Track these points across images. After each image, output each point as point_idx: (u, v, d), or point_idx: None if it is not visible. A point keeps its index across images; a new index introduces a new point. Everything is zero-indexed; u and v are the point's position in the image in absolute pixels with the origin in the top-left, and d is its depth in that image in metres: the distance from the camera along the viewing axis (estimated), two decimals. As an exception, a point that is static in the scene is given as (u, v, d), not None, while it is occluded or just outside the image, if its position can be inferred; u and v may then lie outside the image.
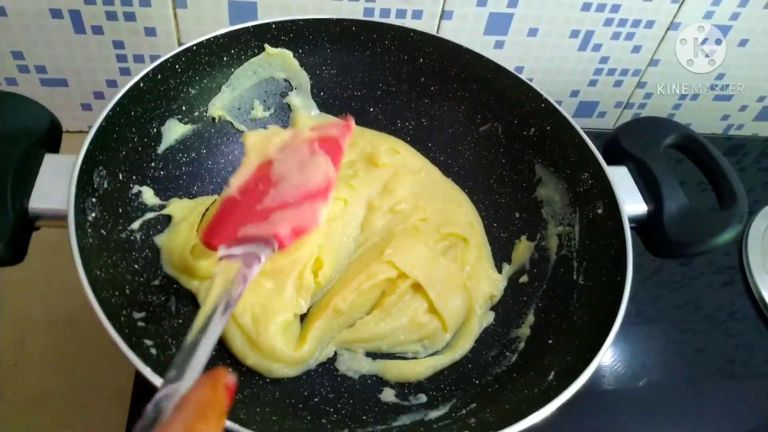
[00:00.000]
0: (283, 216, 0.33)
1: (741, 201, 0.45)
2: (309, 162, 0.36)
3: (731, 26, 0.67)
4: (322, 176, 0.36)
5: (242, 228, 0.33)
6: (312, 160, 0.36)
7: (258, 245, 0.32)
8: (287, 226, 0.33)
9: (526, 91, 0.51)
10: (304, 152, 0.37)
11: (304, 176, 0.35)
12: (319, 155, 0.36)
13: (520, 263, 0.49)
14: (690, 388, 0.51)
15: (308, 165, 0.36)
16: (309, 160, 0.36)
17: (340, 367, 0.43)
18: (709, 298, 0.59)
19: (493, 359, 0.44)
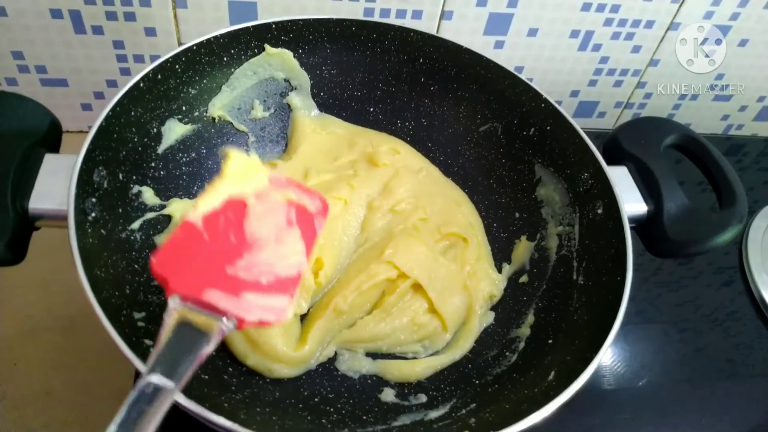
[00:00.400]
0: (255, 300, 0.29)
1: (741, 201, 0.45)
2: (285, 236, 0.33)
3: (731, 26, 0.67)
4: (295, 264, 0.32)
5: (210, 291, 0.28)
6: (288, 236, 0.33)
7: (218, 318, 0.28)
8: (256, 315, 0.29)
9: (526, 91, 0.51)
10: (280, 218, 0.33)
11: (279, 254, 0.31)
12: (295, 232, 0.33)
13: (520, 263, 0.49)
14: (690, 387, 0.51)
15: (285, 240, 0.32)
16: (285, 233, 0.33)
17: (341, 367, 0.43)
18: (708, 297, 0.59)
19: (493, 359, 0.44)
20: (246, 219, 0.32)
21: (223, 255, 0.30)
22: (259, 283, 0.30)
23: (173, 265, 0.28)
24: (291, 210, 0.34)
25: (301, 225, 0.33)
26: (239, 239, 0.31)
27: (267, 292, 0.30)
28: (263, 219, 0.32)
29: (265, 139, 0.54)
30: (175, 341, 0.26)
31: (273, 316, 0.29)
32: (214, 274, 0.29)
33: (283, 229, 0.33)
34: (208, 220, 0.31)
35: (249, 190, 0.33)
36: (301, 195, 0.35)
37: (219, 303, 0.28)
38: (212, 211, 0.31)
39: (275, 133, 0.54)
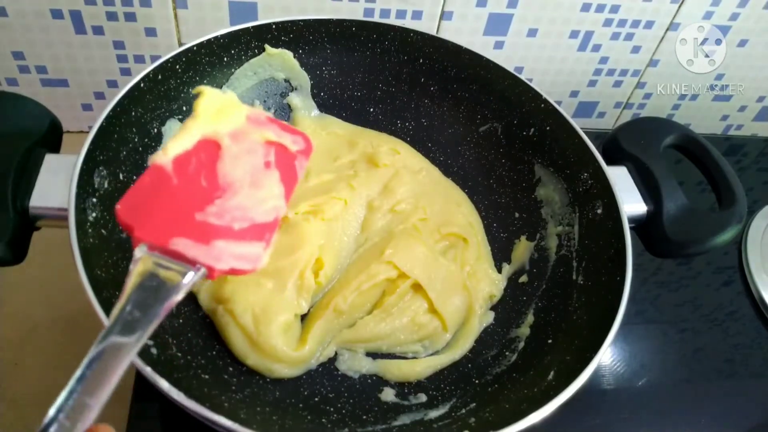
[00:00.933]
0: (226, 248, 0.27)
1: (740, 201, 0.45)
2: (262, 179, 0.30)
3: (730, 26, 0.67)
4: (272, 209, 0.30)
5: (177, 239, 0.26)
6: (266, 178, 0.30)
7: (186, 266, 0.26)
8: (227, 264, 0.27)
9: (526, 91, 0.51)
10: (258, 159, 0.31)
11: (254, 198, 0.29)
12: (273, 175, 0.31)
13: (519, 263, 0.49)
14: (689, 387, 0.51)
15: (261, 183, 0.30)
16: (262, 175, 0.30)
17: (341, 367, 0.43)
18: (708, 298, 0.59)
19: (492, 359, 0.44)
20: (219, 161, 0.30)
21: (193, 200, 0.28)
22: (232, 230, 0.28)
23: (139, 212, 0.27)
24: (270, 150, 0.31)
25: (281, 167, 0.31)
26: (211, 183, 0.29)
27: (240, 239, 0.28)
28: (238, 160, 0.30)
29: (265, 139, 0.54)
30: (141, 293, 0.25)
31: (246, 264, 0.27)
32: (183, 220, 0.27)
33: (260, 171, 0.31)
34: (178, 162, 0.29)
35: (224, 130, 0.31)
36: (282, 134, 0.32)
37: (187, 251, 0.26)
38: (183, 153, 0.29)
39: (275, 134, 0.54)
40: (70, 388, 0.22)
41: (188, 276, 0.26)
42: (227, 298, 0.41)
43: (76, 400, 0.22)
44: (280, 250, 0.43)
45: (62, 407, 0.22)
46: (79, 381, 0.22)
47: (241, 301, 0.41)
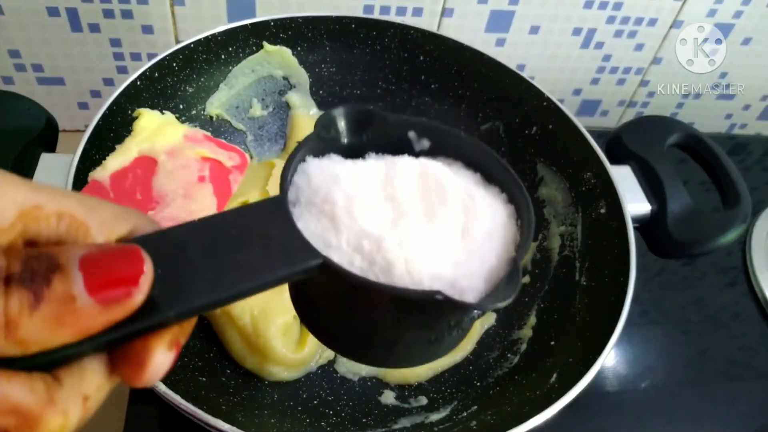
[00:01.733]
0: None
1: (744, 200, 0.45)
2: (195, 192, 0.32)
3: (734, 24, 0.66)
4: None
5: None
6: (199, 191, 0.32)
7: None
8: None
9: (528, 89, 0.50)
10: (192, 173, 0.32)
11: (186, 210, 0.31)
12: (207, 188, 0.32)
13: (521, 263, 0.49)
14: (693, 389, 0.51)
15: (194, 196, 0.32)
16: (196, 188, 0.32)
17: (340, 369, 0.42)
18: (712, 298, 0.58)
19: (494, 361, 0.43)
20: (155, 175, 0.32)
21: None
22: None
23: None
24: (205, 166, 0.34)
25: (215, 181, 0.33)
26: (145, 196, 0.31)
27: None
28: (173, 175, 0.32)
29: (263, 137, 0.53)
30: None
31: None
32: None
33: (193, 184, 0.33)
34: (115, 177, 0.31)
35: (161, 147, 0.33)
36: (218, 150, 0.35)
37: None
38: (120, 169, 0.32)
39: (274, 132, 0.54)
40: None
41: None
42: (225, 299, 0.40)
43: None
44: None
45: None
46: None
47: (239, 303, 0.40)
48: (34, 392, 0.14)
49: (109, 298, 0.14)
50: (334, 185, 0.20)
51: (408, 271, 0.19)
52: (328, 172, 0.21)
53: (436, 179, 0.22)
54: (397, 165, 0.22)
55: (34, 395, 0.14)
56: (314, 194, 0.20)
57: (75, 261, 0.14)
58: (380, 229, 0.19)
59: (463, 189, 0.22)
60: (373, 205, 0.20)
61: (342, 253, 0.19)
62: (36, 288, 0.13)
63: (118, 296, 0.14)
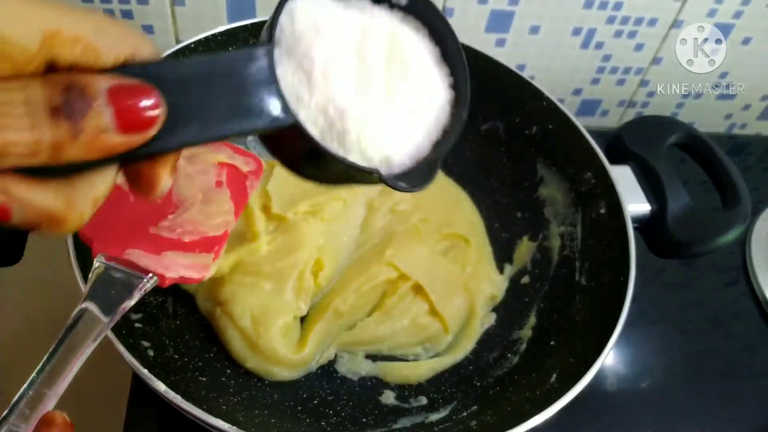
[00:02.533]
0: (175, 258, 0.30)
1: (744, 200, 0.45)
2: (213, 196, 0.34)
3: (734, 24, 0.66)
4: (223, 224, 0.33)
5: (130, 250, 0.29)
6: (217, 196, 0.34)
7: (138, 276, 0.29)
8: (177, 272, 0.30)
9: (528, 89, 0.50)
10: (210, 178, 0.34)
11: (205, 214, 0.33)
12: (224, 193, 0.34)
13: (521, 264, 0.49)
14: (693, 389, 0.51)
15: (212, 200, 0.33)
16: (214, 193, 0.34)
17: (340, 369, 0.42)
18: (712, 298, 0.58)
19: (494, 361, 0.44)
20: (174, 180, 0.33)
21: (148, 215, 0.31)
22: (182, 242, 0.31)
23: (99, 227, 0.30)
24: (222, 171, 0.35)
25: (232, 186, 0.34)
26: (165, 200, 0.32)
27: (190, 250, 0.31)
28: (191, 180, 0.34)
29: (264, 138, 0.53)
30: (97, 298, 0.27)
31: (194, 273, 0.31)
32: (137, 234, 0.31)
33: (211, 189, 0.34)
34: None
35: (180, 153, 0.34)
36: (234, 156, 0.36)
37: (140, 261, 0.29)
38: None
39: (274, 132, 0.54)
40: (31, 379, 0.25)
41: (141, 282, 0.29)
42: (225, 300, 0.40)
43: (35, 391, 0.25)
44: (279, 251, 0.42)
45: (23, 396, 0.25)
46: (39, 373, 0.25)
47: (239, 303, 0.40)
48: (58, 198, 0.18)
49: (131, 130, 0.18)
50: (315, 38, 0.22)
51: (358, 141, 0.23)
52: (312, 18, 0.23)
53: (402, 51, 0.24)
54: (373, 22, 0.24)
55: (58, 200, 0.18)
56: (296, 43, 0.22)
57: (104, 94, 0.17)
58: (346, 100, 0.22)
59: (423, 68, 0.25)
60: (346, 67, 0.23)
61: (309, 111, 0.22)
62: (76, 120, 0.17)
63: (139, 128, 0.18)
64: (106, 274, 0.28)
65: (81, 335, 0.26)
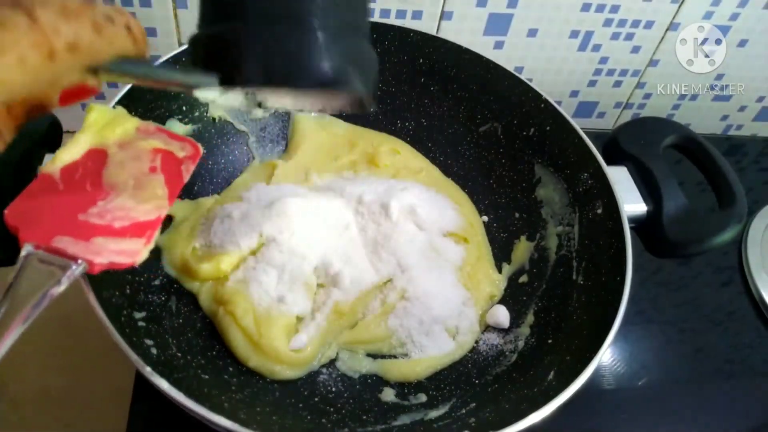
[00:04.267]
0: (105, 244, 0.30)
1: (740, 201, 0.45)
2: (146, 182, 0.33)
3: (730, 26, 0.67)
4: (155, 209, 0.32)
5: (58, 237, 0.29)
6: (149, 181, 0.33)
7: (66, 263, 0.29)
8: (107, 258, 0.30)
9: (526, 91, 0.51)
10: (143, 164, 0.34)
11: (136, 199, 0.32)
12: (158, 178, 0.34)
13: (519, 263, 0.49)
14: (689, 387, 0.51)
15: (144, 186, 0.33)
16: (146, 179, 0.33)
17: (341, 367, 0.43)
18: (708, 298, 0.59)
19: (492, 359, 0.44)
20: (105, 167, 0.33)
21: (77, 203, 0.31)
22: (112, 228, 0.31)
23: (26, 216, 0.30)
24: (156, 156, 0.34)
25: (166, 171, 0.34)
26: (95, 187, 0.32)
27: (120, 235, 0.31)
28: (123, 166, 0.33)
29: (265, 139, 0.54)
30: (23, 286, 0.28)
31: (125, 258, 0.30)
32: (65, 221, 0.30)
33: (144, 175, 0.34)
34: (65, 170, 0.32)
35: (112, 140, 0.34)
36: (170, 141, 0.35)
37: (68, 248, 0.29)
38: (71, 162, 0.32)
39: (275, 134, 0.54)
40: None
41: (69, 269, 0.29)
42: (228, 299, 0.41)
43: None
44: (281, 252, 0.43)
45: None
46: None
47: (242, 303, 0.41)
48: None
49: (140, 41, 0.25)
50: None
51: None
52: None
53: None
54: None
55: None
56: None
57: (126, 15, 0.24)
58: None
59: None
60: None
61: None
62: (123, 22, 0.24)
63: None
64: (33, 263, 0.28)
65: (3, 324, 0.26)
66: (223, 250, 0.42)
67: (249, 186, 0.48)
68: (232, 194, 0.49)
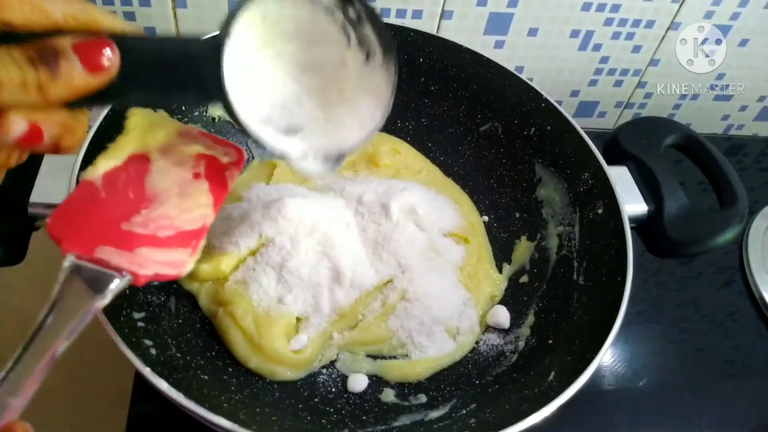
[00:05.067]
0: (150, 255, 0.29)
1: (741, 201, 0.45)
2: (190, 190, 0.32)
3: (731, 26, 0.67)
4: (200, 218, 0.31)
5: (101, 248, 0.28)
6: (194, 189, 0.32)
7: (110, 274, 0.28)
8: (152, 269, 0.28)
9: (527, 90, 0.51)
10: (187, 171, 0.32)
11: (181, 209, 0.31)
12: (202, 185, 0.32)
13: (520, 263, 0.49)
14: (690, 388, 0.51)
15: (189, 194, 0.32)
16: (190, 186, 0.32)
17: (341, 368, 0.42)
18: (709, 298, 0.59)
19: (493, 359, 0.44)
20: (148, 174, 0.32)
21: (120, 211, 0.30)
22: (156, 237, 0.30)
23: (68, 225, 0.29)
24: (200, 163, 0.33)
25: (210, 177, 0.33)
26: (138, 195, 0.31)
27: (164, 246, 0.29)
28: (166, 173, 0.32)
29: (265, 139, 0.54)
30: (67, 300, 0.27)
31: (170, 270, 0.29)
32: (108, 230, 0.29)
33: (188, 182, 0.32)
34: (107, 177, 0.31)
35: (154, 145, 0.33)
36: (214, 146, 0.34)
37: (111, 259, 0.28)
38: (113, 169, 0.31)
39: (275, 133, 0.54)
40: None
41: (113, 282, 0.27)
42: (228, 300, 0.41)
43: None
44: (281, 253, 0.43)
45: None
46: (2, 381, 0.24)
47: (241, 304, 0.40)
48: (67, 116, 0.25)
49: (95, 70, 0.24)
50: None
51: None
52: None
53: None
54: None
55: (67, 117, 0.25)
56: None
57: (69, 47, 0.23)
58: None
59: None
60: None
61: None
62: (51, 67, 0.23)
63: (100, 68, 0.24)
64: (76, 275, 0.27)
65: (48, 340, 0.25)
66: (223, 251, 0.42)
67: (249, 186, 0.48)
68: (231, 194, 0.48)
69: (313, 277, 0.43)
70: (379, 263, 0.45)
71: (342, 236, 0.46)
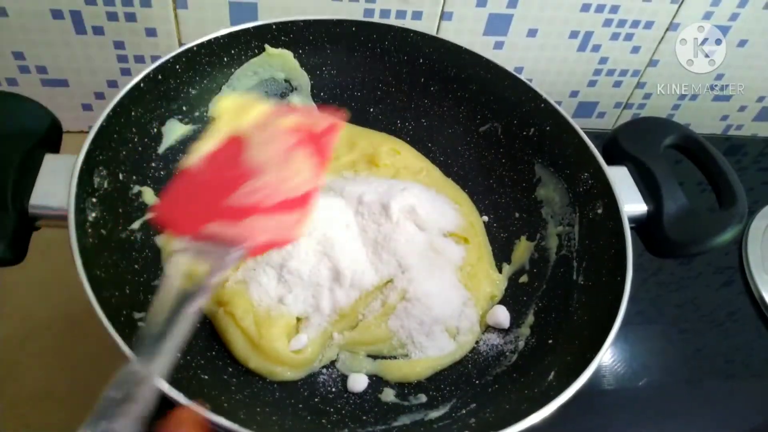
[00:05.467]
0: (257, 223, 0.29)
1: (740, 201, 0.45)
2: (289, 159, 0.32)
3: (730, 26, 0.67)
4: (304, 182, 0.32)
5: (210, 225, 0.29)
6: (293, 158, 0.32)
7: (224, 247, 0.28)
8: (262, 236, 0.29)
9: (526, 91, 0.51)
10: (284, 142, 0.33)
11: (283, 176, 0.31)
12: (301, 153, 0.33)
13: (520, 263, 0.49)
14: (689, 388, 0.51)
15: (289, 163, 0.32)
16: (289, 155, 0.32)
17: (341, 368, 0.43)
18: (708, 298, 0.59)
19: (493, 359, 0.44)
20: (245, 150, 0.32)
21: (223, 188, 0.31)
22: (261, 207, 0.30)
23: (174, 212, 0.29)
24: (296, 133, 0.34)
25: (308, 145, 0.33)
26: (239, 170, 0.31)
27: (272, 213, 0.30)
28: (263, 146, 0.33)
29: (265, 139, 0.54)
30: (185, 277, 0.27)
31: (280, 235, 0.30)
32: (213, 207, 0.30)
33: (286, 152, 0.33)
34: (206, 160, 0.32)
35: (248, 124, 0.34)
36: (306, 116, 0.35)
37: (222, 233, 0.28)
38: (211, 153, 0.32)
39: (275, 134, 0.54)
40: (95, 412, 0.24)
41: (228, 254, 0.28)
42: (228, 300, 0.41)
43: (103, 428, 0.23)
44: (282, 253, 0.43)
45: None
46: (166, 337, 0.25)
47: (242, 304, 0.41)
48: None
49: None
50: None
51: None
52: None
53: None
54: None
55: None
56: None
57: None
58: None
59: None
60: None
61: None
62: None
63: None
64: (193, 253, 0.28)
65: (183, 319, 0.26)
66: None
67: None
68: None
69: (314, 277, 0.43)
70: (379, 263, 0.45)
71: (342, 236, 0.46)
